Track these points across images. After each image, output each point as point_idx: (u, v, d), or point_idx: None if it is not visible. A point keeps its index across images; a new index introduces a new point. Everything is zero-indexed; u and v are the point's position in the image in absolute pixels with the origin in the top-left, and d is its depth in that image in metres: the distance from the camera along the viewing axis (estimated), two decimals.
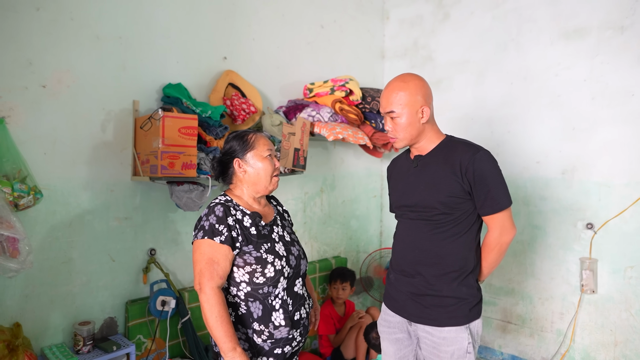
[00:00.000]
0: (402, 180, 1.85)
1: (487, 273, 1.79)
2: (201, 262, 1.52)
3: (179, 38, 2.51)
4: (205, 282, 1.50)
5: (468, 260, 1.71)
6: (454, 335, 1.66)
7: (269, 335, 1.58)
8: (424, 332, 1.72)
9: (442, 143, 1.76)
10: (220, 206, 1.58)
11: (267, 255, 1.59)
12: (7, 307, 1.96)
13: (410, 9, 3.70)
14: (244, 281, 1.58)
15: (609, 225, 2.68)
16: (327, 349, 3.06)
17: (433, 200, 1.68)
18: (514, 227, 1.71)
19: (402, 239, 1.83)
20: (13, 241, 1.76)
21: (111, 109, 2.26)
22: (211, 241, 1.53)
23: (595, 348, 2.75)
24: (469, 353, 1.66)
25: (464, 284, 1.70)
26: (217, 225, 1.54)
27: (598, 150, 2.72)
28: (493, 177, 1.65)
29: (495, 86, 3.16)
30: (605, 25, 2.68)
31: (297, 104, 2.99)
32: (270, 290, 1.59)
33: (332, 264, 3.29)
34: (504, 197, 1.66)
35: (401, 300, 1.79)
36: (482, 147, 1.71)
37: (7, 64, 1.95)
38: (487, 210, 1.67)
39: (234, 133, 1.74)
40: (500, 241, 1.71)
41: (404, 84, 1.71)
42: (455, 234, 1.69)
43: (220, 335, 1.46)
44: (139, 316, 2.31)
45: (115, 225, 2.29)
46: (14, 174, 1.89)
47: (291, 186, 3.12)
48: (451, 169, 1.66)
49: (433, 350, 1.70)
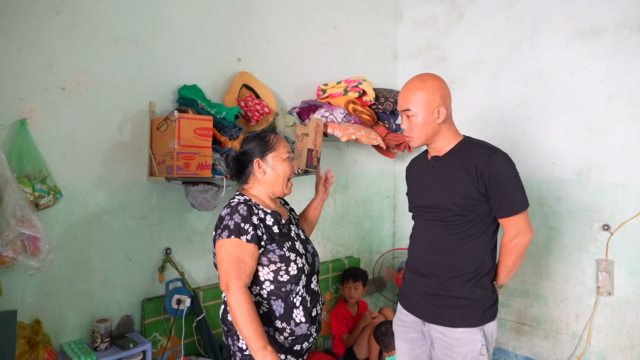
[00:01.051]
0: (418, 180, 1.86)
1: (504, 276, 1.77)
2: (227, 261, 1.51)
3: (194, 40, 2.55)
4: (233, 281, 1.48)
5: (483, 262, 1.70)
6: (467, 336, 1.66)
7: (290, 332, 1.60)
8: (437, 332, 1.72)
9: (459, 144, 1.76)
10: (244, 205, 1.59)
11: (290, 253, 1.61)
12: (27, 304, 2.01)
13: (424, 9, 3.69)
14: (267, 280, 1.59)
15: (625, 226, 2.65)
16: (340, 348, 3.06)
17: (448, 202, 1.68)
18: (530, 230, 1.69)
19: (417, 239, 1.84)
20: (34, 240, 1.81)
21: (128, 110, 2.30)
22: (238, 240, 1.52)
23: (611, 351, 2.72)
24: (482, 355, 1.66)
25: (478, 285, 1.69)
26: (242, 224, 1.54)
27: (614, 150, 2.69)
28: (509, 180, 1.64)
29: (510, 86, 3.14)
30: (622, 24, 2.65)
31: (311, 105, 3.01)
32: (292, 288, 1.61)
33: (345, 264, 3.30)
34: (520, 200, 1.65)
35: (415, 300, 1.80)
36: (499, 149, 1.69)
37: (28, 67, 1.99)
38: (502, 213, 1.66)
39: (254, 133, 1.75)
40: (517, 244, 1.69)
41: (422, 83, 1.72)
42: (470, 236, 1.68)
43: (250, 334, 1.44)
44: (154, 314, 2.34)
45: (132, 224, 2.33)
46: (34, 175, 1.93)
47: (305, 187, 3.13)
48: (467, 171, 1.65)
49: (446, 351, 1.70)
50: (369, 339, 2.93)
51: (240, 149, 1.75)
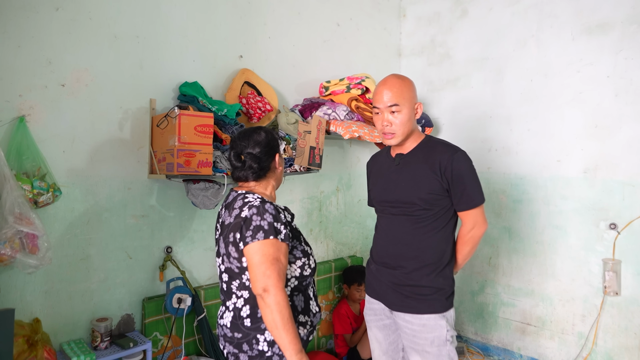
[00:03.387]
0: (382, 177, 1.95)
1: (461, 264, 1.93)
2: (266, 263, 1.45)
3: (195, 37, 2.52)
4: (274, 283, 1.43)
5: (445, 253, 1.83)
6: (433, 322, 1.77)
7: (310, 324, 1.62)
8: (404, 320, 1.83)
9: (422, 143, 1.88)
10: (269, 204, 1.54)
11: (306, 247, 1.66)
12: (27, 303, 1.99)
13: (428, 6, 3.65)
14: (294, 276, 1.59)
15: (633, 225, 2.61)
16: (343, 348, 3.04)
17: (414, 197, 1.79)
18: (485, 222, 1.85)
19: (384, 233, 1.93)
20: (32, 238, 1.79)
21: (128, 107, 2.28)
22: (275, 240, 1.48)
23: (618, 352, 2.68)
24: (448, 341, 1.77)
25: (441, 275, 1.82)
26: (275, 223, 1.51)
27: (622, 148, 2.65)
28: (469, 176, 1.78)
29: (515, 83, 3.10)
30: (629, 20, 2.61)
31: (313, 102, 2.98)
32: (310, 280, 1.65)
33: (348, 263, 3.27)
34: (478, 195, 1.80)
35: (382, 290, 1.90)
36: (459, 147, 1.83)
37: (27, 63, 1.98)
38: (462, 207, 1.80)
39: (260, 128, 1.70)
40: (474, 235, 1.84)
41: (402, 80, 1.83)
42: (434, 229, 1.81)
43: (291, 338, 1.42)
44: (155, 313, 2.32)
45: (132, 222, 2.31)
46: (33, 172, 1.91)
47: (307, 185, 3.11)
48: (431, 168, 1.78)
49: (413, 338, 1.81)
50: None
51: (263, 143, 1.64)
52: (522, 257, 3.08)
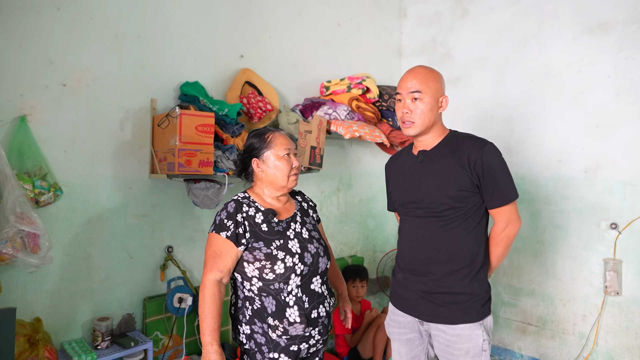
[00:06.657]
0: (405, 176, 1.80)
1: (495, 267, 1.77)
2: (207, 253, 1.60)
3: (196, 37, 2.53)
4: (205, 272, 1.57)
5: (478, 256, 1.68)
6: (468, 332, 1.63)
7: (283, 331, 1.57)
8: (437, 330, 1.69)
9: (446, 138, 1.73)
10: (234, 202, 1.65)
11: (278, 252, 1.59)
12: (28, 302, 1.99)
13: (428, 6, 3.65)
14: (254, 276, 1.60)
15: (634, 225, 2.60)
16: (344, 348, 3.04)
17: (442, 195, 1.65)
18: (519, 219, 1.69)
19: (410, 237, 1.77)
20: (34, 237, 1.79)
21: (129, 107, 2.28)
22: (218, 235, 1.59)
23: (619, 352, 2.67)
24: (484, 351, 1.63)
25: (476, 279, 1.67)
26: (225, 220, 1.60)
27: (623, 148, 2.65)
28: (501, 170, 1.64)
29: (516, 83, 3.10)
30: (630, 19, 2.61)
31: (314, 102, 2.98)
32: (281, 287, 1.58)
33: (349, 263, 3.27)
34: (511, 190, 1.65)
35: (412, 299, 1.74)
36: (488, 140, 1.69)
37: (28, 63, 1.98)
38: (495, 203, 1.65)
39: (255, 131, 1.74)
40: (508, 234, 1.68)
41: (431, 70, 1.71)
42: (465, 229, 1.66)
43: (203, 327, 1.53)
44: (156, 313, 2.32)
45: (133, 222, 2.31)
46: (35, 171, 1.92)
47: (307, 184, 3.11)
48: (459, 163, 1.63)
49: (447, 349, 1.67)
50: (373, 338, 2.90)
51: (244, 147, 1.76)
52: (522, 256, 3.08)
